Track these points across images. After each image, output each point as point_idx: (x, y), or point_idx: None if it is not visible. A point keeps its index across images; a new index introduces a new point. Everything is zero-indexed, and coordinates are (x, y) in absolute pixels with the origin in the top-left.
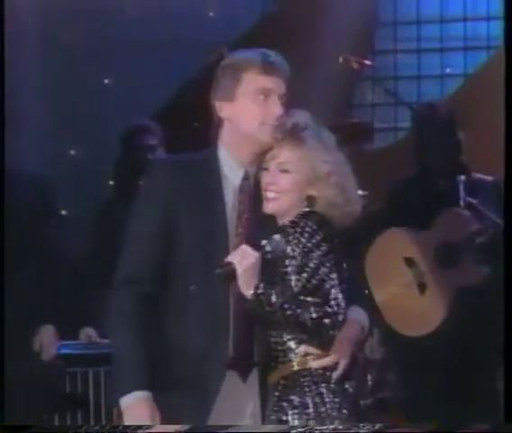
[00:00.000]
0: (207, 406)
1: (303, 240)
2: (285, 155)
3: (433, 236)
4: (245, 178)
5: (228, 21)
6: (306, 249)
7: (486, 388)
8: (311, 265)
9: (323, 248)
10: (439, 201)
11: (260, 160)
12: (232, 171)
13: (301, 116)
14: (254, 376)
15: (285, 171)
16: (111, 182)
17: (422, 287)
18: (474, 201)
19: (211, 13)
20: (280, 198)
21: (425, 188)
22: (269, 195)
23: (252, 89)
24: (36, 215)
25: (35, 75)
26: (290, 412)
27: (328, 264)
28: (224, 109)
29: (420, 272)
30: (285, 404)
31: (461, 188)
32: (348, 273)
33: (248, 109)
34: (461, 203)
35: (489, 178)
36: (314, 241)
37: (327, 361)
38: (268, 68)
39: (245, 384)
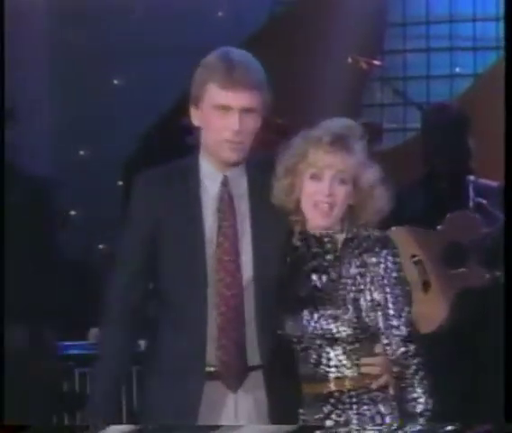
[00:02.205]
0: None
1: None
2: (341, 164)
3: (440, 236)
4: (224, 184)
5: (238, 21)
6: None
7: (487, 388)
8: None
9: (401, 274)
10: (448, 203)
11: (235, 165)
12: (211, 178)
13: (345, 122)
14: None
15: (343, 182)
16: (120, 183)
17: (426, 286)
18: (484, 202)
19: (220, 13)
20: (334, 212)
21: (435, 189)
22: (324, 207)
23: (213, 103)
24: (45, 215)
25: (44, 75)
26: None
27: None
28: (194, 116)
29: (425, 271)
30: (340, 419)
31: (471, 188)
32: None
33: (210, 121)
34: (471, 203)
35: (495, 183)
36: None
37: (382, 381)
38: (229, 83)
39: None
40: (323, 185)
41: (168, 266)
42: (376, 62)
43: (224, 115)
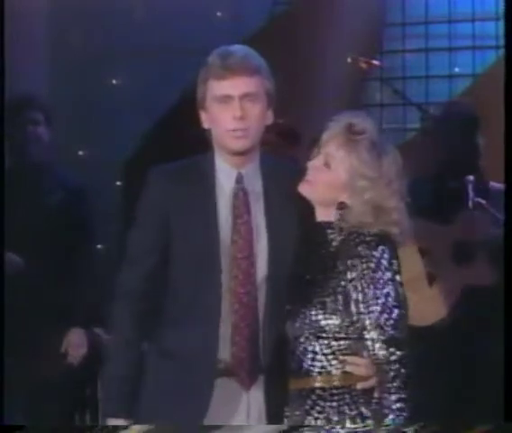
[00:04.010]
0: (203, 410)
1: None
2: (332, 149)
3: (450, 232)
4: (238, 180)
5: (238, 21)
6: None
7: (484, 387)
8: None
9: (396, 277)
10: (458, 201)
11: (247, 161)
12: (225, 176)
13: (362, 119)
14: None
15: (326, 165)
16: (118, 183)
17: (431, 278)
18: (483, 202)
19: (219, 14)
20: (316, 187)
21: (444, 187)
22: (307, 177)
23: (214, 96)
24: (43, 214)
25: (44, 75)
26: (324, 424)
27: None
28: (203, 119)
29: (432, 264)
30: (320, 416)
31: (470, 188)
32: None
33: (214, 117)
34: (470, 203)
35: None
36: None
37: (368, 383)
38: (226, 71)
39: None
40: (315, 159)
41: (181, 262)
42: (375, 62)
43: (225, 105)
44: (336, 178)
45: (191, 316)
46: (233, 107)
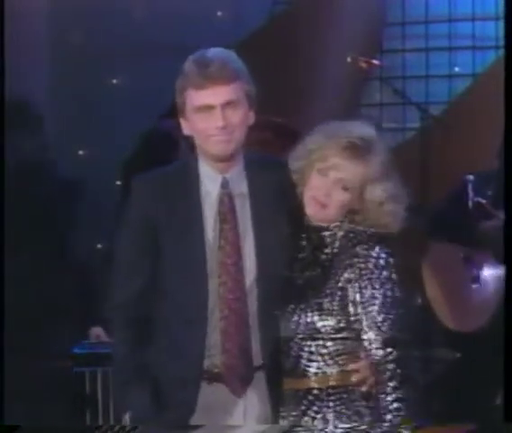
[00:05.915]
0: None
1: (378, 271)
2: (347, 170)
3: (494, 232)
4: (223, 186)
5: (237, 20)
6: (383, 279)
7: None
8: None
9: (393, 276)
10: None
11: (231, 165)
12: (211, 181)
13: (368, 131)
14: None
15: (344, 189)
16: (118, 182)
17: (476, 280)
18: (483, 201)
19: (219, 13)
20: (329, 211)
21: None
22: (319, 202)
23: (194, 106)
24: (44, 214)
25: (44, 75)
26: (322, 425)
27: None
28: (183, 126)
29: (476, 266)
30: (317, 416)
31: (470, 187)
32: None
33: (195, 126)
34: (470, 202)
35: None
36: (388, 271)
37: (366, 385)
38: (205, 80)
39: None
40: (322, 181)
41: (168, 268)
42: (375, 62)
43: (207, 115)
44: (355, 196)
45: (177, 323)
46: (214, 117)
